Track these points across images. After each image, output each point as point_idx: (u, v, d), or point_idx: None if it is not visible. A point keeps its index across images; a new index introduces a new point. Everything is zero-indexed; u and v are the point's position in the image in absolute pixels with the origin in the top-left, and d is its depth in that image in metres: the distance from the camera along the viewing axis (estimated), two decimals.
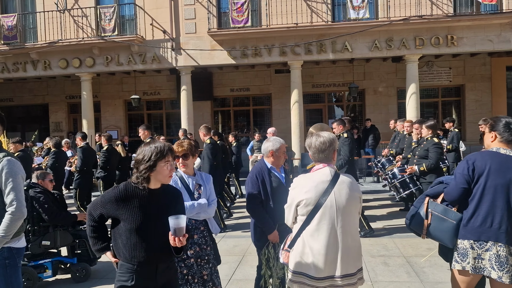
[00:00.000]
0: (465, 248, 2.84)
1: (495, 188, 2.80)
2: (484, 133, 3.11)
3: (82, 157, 8.27)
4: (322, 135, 2.77)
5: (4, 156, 2.86)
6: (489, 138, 3.01)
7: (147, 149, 2.48)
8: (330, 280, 2.64)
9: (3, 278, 2.87)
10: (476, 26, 12.80)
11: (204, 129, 7.91)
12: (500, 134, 2.94)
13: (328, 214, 2.64)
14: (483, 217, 2.81)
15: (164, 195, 2.58)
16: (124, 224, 2.47)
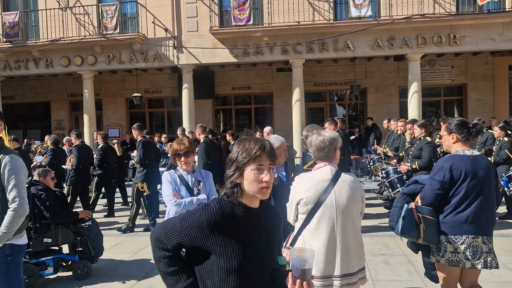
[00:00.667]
0: (441, 243, 3.07)
1: (470, 188, 3.04)
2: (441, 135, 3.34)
3: (78, 155, 8.30)
4: (323, 133, 2.77)
5: (6, 153, 2.87)
6: (450, 140, 3.21)
7: (235, 147, 1.86)
8: (330, 279, 2.64)
9: (5, 275, 2.88)
10: (478, 25, 12.77)
11: (199, 128, 7.96)
12: (460, 135, 3.16)
13: (328, 213, 2.64)
14: (464, 214, 3.03)
15: (267, 217, 1.87)
16: (217, 260, 1.72)
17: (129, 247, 6.43)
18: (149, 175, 7.55)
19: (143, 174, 7.50)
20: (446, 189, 3.07)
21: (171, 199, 3.39)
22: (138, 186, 7.48)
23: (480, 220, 3.05)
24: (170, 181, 3.47)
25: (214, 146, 8.10)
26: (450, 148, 3.23)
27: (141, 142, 7.64)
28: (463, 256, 3.01)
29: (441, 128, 3.37)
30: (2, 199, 2.85)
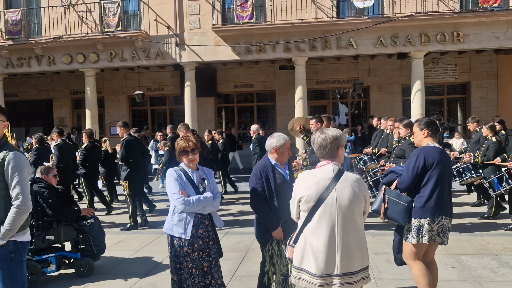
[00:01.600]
0: (421, 226, 3.57)
1: (441, 176, 3.59)
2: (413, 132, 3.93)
3: (58, 154, 8.22)
4: (326, 131, 2.74)
5: (10, 150, 2.87)
6: (421, 135, 3.80)
7: None
8: (329, 278, 2.62)
9: (8, 271, 2.88)
10: (482, 22, 12.70)
11: (182, 127, 7.88)
12: (430, 131, 3.74)
13: (328, 212, 2.62)
14: (436, 199, 3.56)
15: None
16: None
17: (131, 245, 6.43)
18: (133, 173, 7.53)
19: (127, 172, 7.47)
20: (420, 174, 3.58)
21: (178, 197, 3.35)
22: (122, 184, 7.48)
23: (447, 203, 3.65)
24: (176, 178, 3.43)
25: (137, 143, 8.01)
26: (421, 142, 3.80)
27: (125, 141, 7.64)
28: (435, 233, 3.60)
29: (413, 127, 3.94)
30: (6, 196, 2.84)
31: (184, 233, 3.38)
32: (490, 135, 7.10)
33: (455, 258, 5.30)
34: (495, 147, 6.95)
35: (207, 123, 16.32)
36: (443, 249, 5.68)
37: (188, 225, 3.39)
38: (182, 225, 3.40)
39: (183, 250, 3.39)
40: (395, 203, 3.61)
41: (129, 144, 7.59)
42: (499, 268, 4.91)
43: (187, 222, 3.40)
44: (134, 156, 7.65)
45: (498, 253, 5.46)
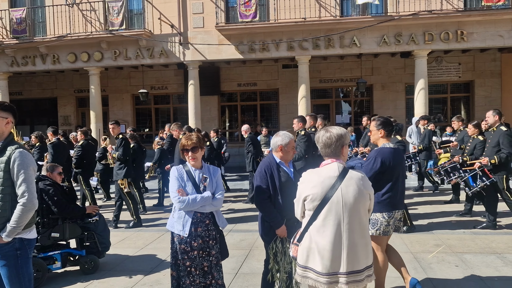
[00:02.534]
0: (377, 219, 3.89)
1: (396, 175, 3.91)
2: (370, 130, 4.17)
3: (53, 152, 8.35)
4: (330, 130, 2.75)
5: (16, 148, 2.90)
6: (378, 134, 4.04)
7: None
8: (335, 276, 2.63)
9: (14, 268, 2.92)
10: (486, 21, 12.66)
11: (175, 126, 7.89)
12: (386, 131, 4.01)
13: (334, 210, 2.63)
14: (391, 195, 3.89)
15: None
16: None
17: (135, 242, 6.47)
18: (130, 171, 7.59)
19: (124, 171, 7.52)
20: (377, 174, 3.86)
21: (176, 195, 3.40)
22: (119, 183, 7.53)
23: (400, 198, 3.99)
24: (177, 177, 3.47)
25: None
26: (377, 140, 4.07)
27: (122, 139, 7.71)
28: (391, 227, 3.94)
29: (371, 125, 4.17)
30: (12, 194, 2.87)
31: (182, 231, 3.41)
32: (475, 134, 7.08)
33: (458, 257, 5.31)
34: (482, 146, 6.92)
35: (211, 122, 16.36)
36: (446, 247, 5.70)
37: (186, 223, 3.42)
38: (181, 222, 3.44)
39: (181, 247, 3.41)
40: None
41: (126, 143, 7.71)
42: (503, 266, 4.91)
43: (185, 220, 3.43)
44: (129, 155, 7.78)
45: (502, 251, 5.46)
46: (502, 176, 6.51)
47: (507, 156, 6.31)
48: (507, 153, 6.30)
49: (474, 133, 7.06)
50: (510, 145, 6.31)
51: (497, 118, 6.58)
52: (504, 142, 6.35)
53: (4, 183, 2.85)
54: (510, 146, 6.31)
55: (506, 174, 6.54)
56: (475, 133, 7.05)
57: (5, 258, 2.89)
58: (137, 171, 8.76)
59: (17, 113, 3.09)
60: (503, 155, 6.31)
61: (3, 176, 2.85)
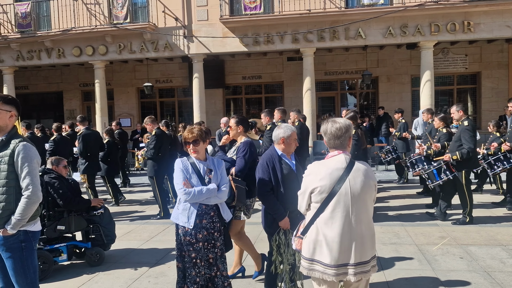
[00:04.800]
0: (250, 203, 4.31)
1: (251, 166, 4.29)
2: None
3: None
4: (338, 121, 2.71)
5: (20, 141, 2.91)
6: (238, 129, 4.46)
7: None
8: (344, 267, 2.62)
9: (20, 260, 2.94)
10: (493, 11, 12.50)
11: (148, 120, 7.74)
12: (244, 127, 4.47)
13: (342, 202, 2.61)
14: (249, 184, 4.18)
15: None
16: None
17: (141, 235, 6.51)
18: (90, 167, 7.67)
19: (85, 166, 7.60)
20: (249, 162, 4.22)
21: (181, 187, 3.40)
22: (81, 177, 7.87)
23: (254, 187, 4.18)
24: (182, 168, 3.47)
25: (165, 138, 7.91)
26: (237, 135, 4.44)
27: (82, 135, 7.83)
28: (243, 212, 4.34)
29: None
30: (16, 187, 2.89)
31: (187, 222, 3.43)
32: (441, 126, 7.05)
33: (463, 249, 5.29)
34: (446, 139, 6.91)
35: (216, 115, 16.35)
36: (451, 239, 5.68)
37: (191, 215, 3.44)
38: (186, 214, 3.45)
39: (186, 239, 3.43)
40: (241, 189, 4.01)
41: (85, 139, 7.86)
42: (508, 258, 4.90)
43: (190, 211, 3.45)
44: (91, 150, 7.97)
45: (507, 243, 5.44)
46: (462, 172, 6.49)
47: (468, 151, 6.30)
48: (468, 148, 6.29)
49: (440, 126, 7.11)
50: (470, 141, 6.29)
51: (462, 113, 6.57)
52: (465, 137, 6.34)
53: (8, 176, 2.87)
54: (470, 141, 6.29)
55: (468, 169, 6.53)
56: (441, 126, 7.08)
57: (10, 250, 2.92)
58: (112, 166, 8.90)
59: (21, 107, 3.10)
60: (464, 150, 6.31)
61: (8, 169, 2.87)
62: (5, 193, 2.87)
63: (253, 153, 4.32)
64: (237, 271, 4.60)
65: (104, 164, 8.74)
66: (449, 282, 4.30)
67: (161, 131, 7.76)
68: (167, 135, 8.12)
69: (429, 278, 4.42)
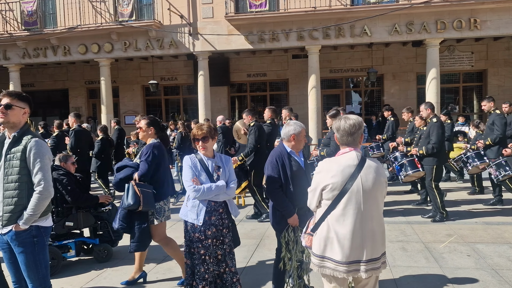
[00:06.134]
0: (161, 207, 4.15)
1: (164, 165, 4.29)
2: None
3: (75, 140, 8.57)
4: (351, 117, 2.71)
5: (32, 137, 2.94)
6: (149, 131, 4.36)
7: None
8: (356, 264, 2.63)
9: (32, 255, 2.97)
10: (500, 8, 12.43)
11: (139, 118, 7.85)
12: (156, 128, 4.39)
13: (354, 199, 2.61)
14: (166, 183, 4.24)
15: None
16: None
17: None
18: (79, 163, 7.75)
19: None
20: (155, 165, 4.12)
21: (190, 184, 3.42)
22: None
23: (172, 184, 4.43)
24: (191, 165, 3.49)
25: None
26: (147, 137, 4.32)
27: (74, 131, 7.90)
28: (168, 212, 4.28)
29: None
30: (28, 182, 2.92)
31: (197, 219, 3.44)
32: (422, 125, 7.08)
33: (470, 247, 5.28)
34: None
35: (221, 112, 16.32)
36: (458, 237, 5.67)
37: (200, 212, 3.45)
38: (195, 211, 3.47)
39: (195, 236, 3.45)
40: (147, 193, 3.97)
41: (77, 135, 7.93)
42: None
43: (199, 208, 3.46)
44: (82, 146, 8.04)
45: None
46: (432, 167, 6.51)
47: (433, 146, 6.37)
48: (433, 144, 6.38)
49: (421, 125, 7.15)
50: (437, 137, 6.38)
51: (430, 111, 6.72)
52: (433, 133, 6.45)
53: (20, 172, 2.90)
54: (437, 137, 6.38)
55: (436, 165, 6.52)
56: (422, 125, 7.10)
57: (22, 245, 2.95)
58: (104, 163, 8.98)
59: (33, 104, 3.13)
60: (430, 146, 6.40)
61: (20, 165, 2.90)
62: (17, 189, 2.90)
63: (157, 155, 4.14)
64: (138, 277, 4.46)
65: (97, 160, 8.91)
66: (456, 279, 4.29)
67: None
68: None
69: (437, 275, 4.41)
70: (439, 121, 6.55)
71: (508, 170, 6.54)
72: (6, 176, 2.92)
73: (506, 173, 6.58)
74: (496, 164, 6.68)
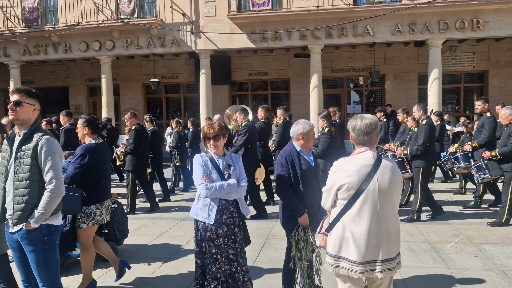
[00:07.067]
0: (91, 211, 3.98)
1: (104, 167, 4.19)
2: None
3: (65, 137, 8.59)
4: (367, 117, 2.69)
5: (43, 135, 2.91)
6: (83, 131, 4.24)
7: None
8: (372, 264, 2.61)
9: (42, 254, 2.94)
10: (503, 9, 12.43)
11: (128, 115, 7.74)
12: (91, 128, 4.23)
13: (370, 199, 2.59)
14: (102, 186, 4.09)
15: None
16: None
17: (152, 230, 6.51)
18: None
19: None
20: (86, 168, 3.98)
21: (202, 182, 3.39)
22: None
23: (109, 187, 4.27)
24: (202, 164, 3.46)
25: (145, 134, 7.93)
26: (84, 137, 4.24)
27: (64, 130, 7.90)
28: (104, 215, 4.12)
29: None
30: (39, 180, 2.89)
31: (208, 218, 3.42)
32: (414, 126, 7.09)
33: (477, 247, 5.27)
34: None
35: (222, 111, 16.28)
36: (464, 238, 5.66)
37: (212, 210, 3.42)
38: (206, 210, 3.44)
39: (207, 235, 3.42)
40: (70, 197, 3.75)
41: (67, 134, 7.94)
42: None
43: (211, 207, 3.43)
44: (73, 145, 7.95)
45: None
46: (419, 169, 6.48)
47: (417, 148, 6.35)
48: (418, 146, 6.36)
49: (413, 125, 7.14)
50: (423, 139, 6.36)
51: (421, 112, 6.68)
52: (420, 135, 6.42)
53: (31, 170, 2.86)
54: (422, 139, 6.36)
55: (423, 167, 6.50)
56: (413, 125, 7.11)
57: (33, 244, 2.91)
58: None
59: (43, 101, 3.10)
60: (414, 147, 6.39)
61: (31, 163, 2.86)
62: (28, 187, 2.86)
63: (87, 158, 3.98)
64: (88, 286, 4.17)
65: None
66: (465, 280, 4.28)
67: (141, 127, 7.86)
68: (147, 131, 8.21)
69: (445, 276, 4.40)
70: (428, 123, 6.52)
71: (487, 174, 6.46)
72: (16, 174, 2.88)
73: (485, 176, 6.50)
74: (477, 167, 6.60)
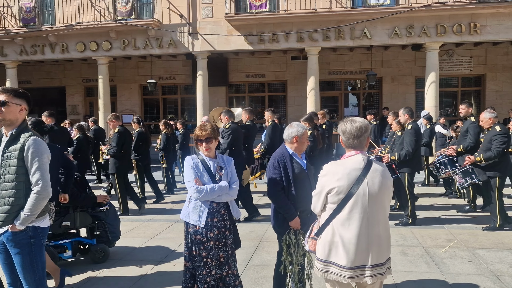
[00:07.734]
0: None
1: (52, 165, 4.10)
2: None
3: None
4: (357, 120, 2.66)
5: (30, 135, 2.87)
6: None
7: None
8: (361, 269, 2.57)
9: (28, 256, 2.90)
10: (500, 13, 12.45)
11: (111, 117, 7.69)
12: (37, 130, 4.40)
13: (360, 203, 2.56)
14: None
15: None
16: None
17: (145, 232, 6.47)
18: None
19: None
20: None
21: (193, 185, 3.35)
22: None
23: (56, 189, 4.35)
24: (193, 166, 3.42)
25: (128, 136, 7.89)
26: None
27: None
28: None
29: None
30: (26, 182, 2.84)
31: (199, 221, 3.37)
32: (398, 129, 7.09)
33: (471, 252, 5.25)
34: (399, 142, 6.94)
35: None
36: (459, 242, 5.64)
37: (202, 213, 3.38)
38: (197, 212, 3.40)
39: (197, 238, 3.38)
40: None
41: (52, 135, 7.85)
42: None
43: (201, 210, 3.39)
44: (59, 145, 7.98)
45: None
46: (404, 174, 6.50)
47: (405, 153, 6.37)
48: (406, 151, 6.37)
49: (397, 129, 7.14)
50: (410, 144, 6.38)
51: (407, 116, 6.71)
52: (406, 140, 6.47)
53: (18, 171, 2.82)
54: (410, 144, 6.38)
55: (408, 172, 6.52)
56: (398, 129, 7.11)
57: (19, 246, 2.87)
58: (81, 162, 8.81)
59: (31, 100, 3.05)
60: (403, 152, 6.40)
61: (17, 164, 2.82)
62: (14, 188, 2.82)
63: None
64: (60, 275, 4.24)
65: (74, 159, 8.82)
66: (458, 285, 4.26)
67: (124, 129, 7.72)
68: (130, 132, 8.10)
69: (438, 281, 4.37)
70: (414, 128, 6.52)
71: (474, 178, 6.41)
72: (3, 175, 2.84)
73: (472, 181, 6.43)
74: (462, 172, 6.53)
